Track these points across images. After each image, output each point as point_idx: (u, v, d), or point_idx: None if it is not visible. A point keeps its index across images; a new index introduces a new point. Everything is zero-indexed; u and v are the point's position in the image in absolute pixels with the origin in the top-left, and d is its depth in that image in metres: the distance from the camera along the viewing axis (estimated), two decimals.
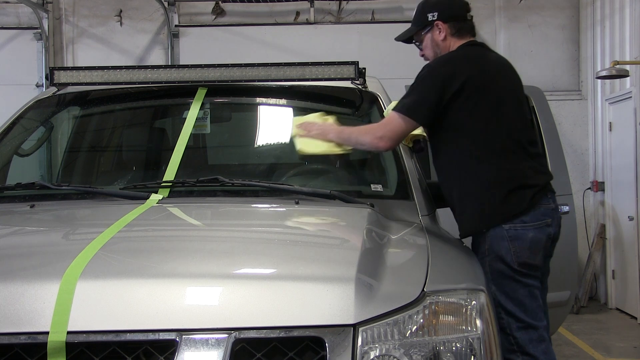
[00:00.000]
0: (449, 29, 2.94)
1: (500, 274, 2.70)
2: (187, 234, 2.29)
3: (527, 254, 2.70)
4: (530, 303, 2.72)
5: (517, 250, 2.69)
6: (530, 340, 2.69)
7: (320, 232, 2.36)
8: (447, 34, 2.94)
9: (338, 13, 8.44)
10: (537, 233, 2.73)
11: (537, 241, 2.73)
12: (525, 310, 2.70)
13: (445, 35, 2.94)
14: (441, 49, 2.95)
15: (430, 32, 2.97)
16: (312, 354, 1.59)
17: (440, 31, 2.94)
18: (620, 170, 7.33)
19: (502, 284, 2.70)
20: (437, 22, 2.94)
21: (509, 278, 2.69)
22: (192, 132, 2.90)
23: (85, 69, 3.18)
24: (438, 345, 1.66)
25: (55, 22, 8.43)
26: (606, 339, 6.36)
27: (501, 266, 2.70)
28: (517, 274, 2.69)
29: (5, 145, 3.08)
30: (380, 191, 2.76)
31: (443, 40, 2.95)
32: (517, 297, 2.69)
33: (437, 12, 2.95)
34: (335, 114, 2.94)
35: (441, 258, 2.08)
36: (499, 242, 2.70)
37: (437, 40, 2.96)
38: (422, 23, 3.00)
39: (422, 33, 3.01)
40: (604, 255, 7.72)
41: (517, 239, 2.69)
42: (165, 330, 1.56)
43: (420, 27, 3.01)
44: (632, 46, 7.01)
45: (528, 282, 2.71)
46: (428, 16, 2.97)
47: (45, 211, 2.49)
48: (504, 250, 2.69)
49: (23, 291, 1.61)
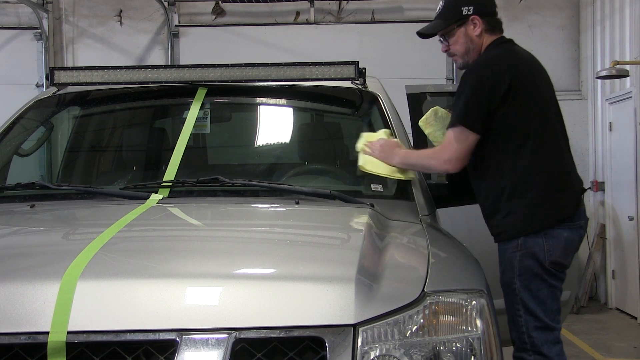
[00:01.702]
0: (484, 24, 2.87)
1: (529, 270, 2.70)
2: (187, 234, 2.29)
3: (560, 253, 2.72)
4: (551, 304, 2.73)
5: (550, 249, 2.70)
6: (546, 341, 2.71)
7: (320, 232, 2.36)
8: (482, 29, 2.87)
9: (338, 13, 8.44)
10: (571, 233, 2.76)
11: (571, 241, 2.75)
12: (546, 311, 2.71)
13: (480, 31, 2.87)
14: (475, 44, 2.89)
15: (464, 27, 2.88)
16: (312, 354, 1.59)
17: (475, 26, 2.87)
18: (620, 170, 7.33)
19: (529, 280, 2.71)
20: (474, 16, 2.86)
21: (536, 276, 2.70)
22: (192, 132, 2.90)
23: (85, 69, 3.18)
24: (438, 346, 1.66)
25: (55, 22, 8.43)
26: (606, 339, 6.36)
27: (532, 263, 2.71)
28: (546, 272, 2.70)
29: (5, 145, 3.07)
30: (381, 191, 2.76)
31: (478, 36, 2.88)
32: (540, 297, 2.71)
33: (473, 6, 2.87)
34: (336, 114, 2.94)
35: (441, 258, 2.08)
36: (533, 239, 2.71)
37: (472, 36, 2.88)
38: (456, 17, 2.89)
39: (455, 27, 2.90)
40: (604, 255, 7.72)
41: (552, 237, 2.71)
42: (166, 330, 1.56)
43: (454, 21, 2.89)
44: (632, 46, 7.01)
45: (553, 282, 2.74)
46: (462, 10, 2.87)
47: (45, 211, 2.49)
48: (538, 247, 2.70)
49: (23, 291, 1.61)
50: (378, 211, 2.45)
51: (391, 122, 3.03)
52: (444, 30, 2.93)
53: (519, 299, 2.70)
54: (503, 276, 2.84)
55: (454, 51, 2.94)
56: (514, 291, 2.73)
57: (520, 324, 2.70)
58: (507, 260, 2.80)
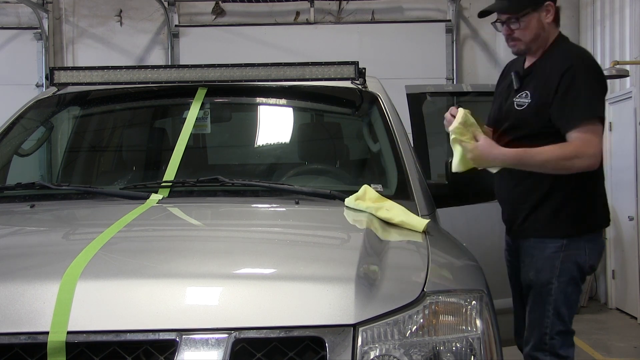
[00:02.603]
0: (555, 14, 2.81)
1: (569, 273, 2.70)
2: (187, 234, 2.29)
3: (597, 258, 2.76)
4: (573, 310, 2.77)
5: (591, 253, 2.72)
6: (564, 344, 2.72)
7: (320, 232, 2.36)
8: (553, 18, 2.81)
9: (338, 13, 8.44)
10: (601, 237, 2.83)
11: (603, 246, 2.82)
12: (570, 315, 2.74)
13: (552, 18, 2.80)
14: (546, 32, 2.79)
15: (538, 12, 2.76)
16: (312, 354, 1.59)
17: (549, 13, 2.78)
18: (620, 171, 7.33)
19: (566, 283, 2.70)
20: (549, 2, 2.78)
21: (574, 280, 2.71)
22: (192, 132, 2.90)
23: (85, 69, 3.18)
24: (438, 346, 1.66)
25: (55, 22, 8.43)
26: (606, 339, 6.36)
27: (573, 266, 2.70)
28: (582, 277, 2.73)
29: (5, 145, 3.07)
30: (380, 191, 2.76)
31: (549, 24, 2.79)
32: (571, 302, 2.72)
33: None
34: (336, 114, 2.93)
35: (441, 258, 2.08)
36: (577, 242, 2.70)
37: (544, 23, 2.78)
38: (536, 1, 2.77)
39: (530, 11, 2.75)
40: (604, 255, 7.72)
41: (592, 241, 2.74)
42: (165, 330, 1.56)
43: (530, 3, 2.76)
44: (632, 46, 7.01)
45: (581, 289, 2.78)
46: None
47: (45, 211, 2.49)
48: (580, 250, 2.70)
49: (23, 291, 1.61)
50: None
51: (391, 122, 3.03)
52: (519, 14, 2.76)
53: (552, 299, 2.68)
54: (539, 274, 2.77)
55: (520, 36, 2.79)
56: (549, 291, 2.70)
57: (546, 324, 2.68)
58: (546, 259, 2.75)
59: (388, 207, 2.42)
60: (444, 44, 8.21)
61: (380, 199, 2.49)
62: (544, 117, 2.72)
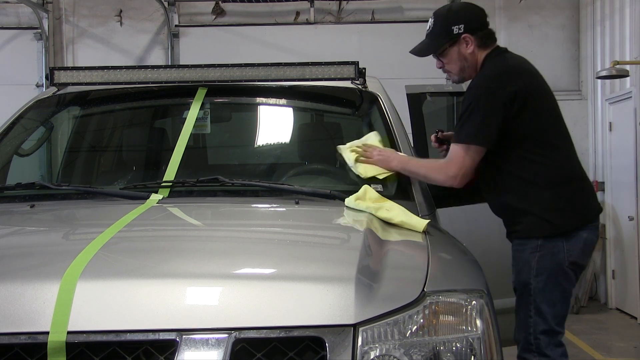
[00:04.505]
0: (476, 40, 2.83)
1: (547, 271, 2.70)
2: (187, 234, 2.29)
3: (579, 254, 2.72)
4: (561, 309, 2.74)
5: (570, 249, 2.70)
6: (550, 344, 2.71)
7: (320, 232, 2.36)
8: (475, 46, 2.83)
9: (338, 13, 8.44)
10: (589, 234, 2.77)
11: (589, 242, 2.76)
12: (555, 315, 2.71)
13: (473, 48, 2.83)
14: (469, 62, 2.85)
15: (457, 46, 2.83)
16: (312, 354, 1.59)
17: (467, 44, 2.82)
18: (620, 170, 7.33)
19: (545, 281, 2.70)
20: (465, 35, 2.81)
21: (553, 278, 2.70)
22: (192, 132, 2.90)
23: (85, 69, 3.18)
24: (438, 345, 1.66)
25: (55, 22, 8.43)
26: (606, 339, 6.36)
27: (551, 264, 2.70)
28: (563, 275, 2.70)
29: (6, 145, 3.07)
30: (380, 191, 2.76)
31: (471, 54, 2.83)
32: (553, 300, 2.70)
33: (463, 24, 2.81)
34: (336, 114, 2.93)
35: (441, 258, 2.08)
36: (553, 240, 2.70)
37: (465, 54, 2.83)
38: (448, 36, 2.83)
39: (446, 47, 2.85)
40: (604, 255, 7.72)
41: (572, 238, 2.71)
42: (165, 330, 1.56)
43: (445, 41, 2.84)
44: (632, 46, 7.01)
45: (567, 286, 2.74)
46: (453, 29, 2.81)
47: (45, 211, 2.49)
48: (557, 248, 2.69)
49: (23, 291, 1.61)
50: None
51: (391, 122, 3.03)
52: (437, 52, 2.90)
53: (532, 299, 2.70)
54: (518, 276, 2.82)
55: (449, 69, 2.91)
56: (529, 292, 2.72)
57: (529, 325, 2.69)
58: (524, 260, 2.78)
59: (388, 207, 2.42)
60: None
61: (380, 199, 2.49)
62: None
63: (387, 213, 2.39)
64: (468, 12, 2.89)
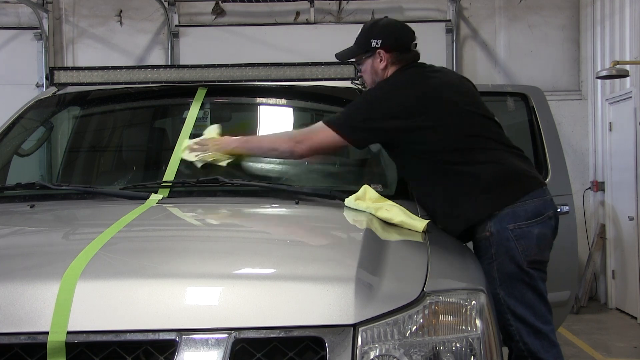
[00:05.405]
0: (390, 58, 2.83)
1: (509, 276, 2.66)
2: (187, 234, 2.29)
3: (535, 251, 2.68)
4: (540, 307, 2.70)
5: (525, 249, 2.67)
6: (542, 346, 2.67)
7: (320, 232, 2.36)
8: (388, 63, 2.83)
9: (338, 13, 8.44)
10: (542, 228, 2.71)
11: (543, 236, 2.71)
12: (535, 314, 2.67)
13: (385, 64, 2.83)
14: (379, 77, 2.85)
15: (372, 58, 2.85)
16: (312, 354, 1.59)
17: (381, 60, 2.83)
18: (620, 170, 7.33)
19: (511, 287, 2.67)
20: (380, 50, 2.83)
21: (518, 280, 2.67)
22: (192, 132, 2.91)
23: (85, 69, 3.19)
24: (438, 345, 1.66)
25: (55, 22, 8.43)
26: (606, 339, 6.36)
27: (510, 268, 2.66)
28: (526, 275, 2.67)
29: (5, 145, 3.08)
30: (380, 191, 2.76)
31: (383, 69, 2.84)
32: (527, 301, 2.67)
33: (381, 39, 2.83)
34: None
35: (441, 258, 2.08)
36: (505, 244, 2.66)
37: (377, 68, 2.85)
38: (364, 48, 2.88)
39: (363, 57, 2.89)
40: (604, 255, 7.72)
41: (523, 237, 2.67)
42: (165, 330, 1.57)
43: (362, 51, 2.89)
44: (632, 46, 7.01)
45: (536, 284, 2.68)
46: (372, 42, 2.84)
47: (45, 211, 2.49)
48: (512, 251, 2.65)
49: (23, 291, 1.61)
50: None
51: None
52: (355, 59, 2.95)
53: (505, 308, 2.65)
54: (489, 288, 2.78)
55: (365, 80, 2.96)
56: (500, 301, 2.67)
57: (513, 332, 2.66)
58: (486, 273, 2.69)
59: (388, 207, 2.42)
60: (444, 43, 8.20)
61: (380, 199, 2.49)
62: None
63: (387, 213, 2.39)
64: (390, 30, 2.89)
